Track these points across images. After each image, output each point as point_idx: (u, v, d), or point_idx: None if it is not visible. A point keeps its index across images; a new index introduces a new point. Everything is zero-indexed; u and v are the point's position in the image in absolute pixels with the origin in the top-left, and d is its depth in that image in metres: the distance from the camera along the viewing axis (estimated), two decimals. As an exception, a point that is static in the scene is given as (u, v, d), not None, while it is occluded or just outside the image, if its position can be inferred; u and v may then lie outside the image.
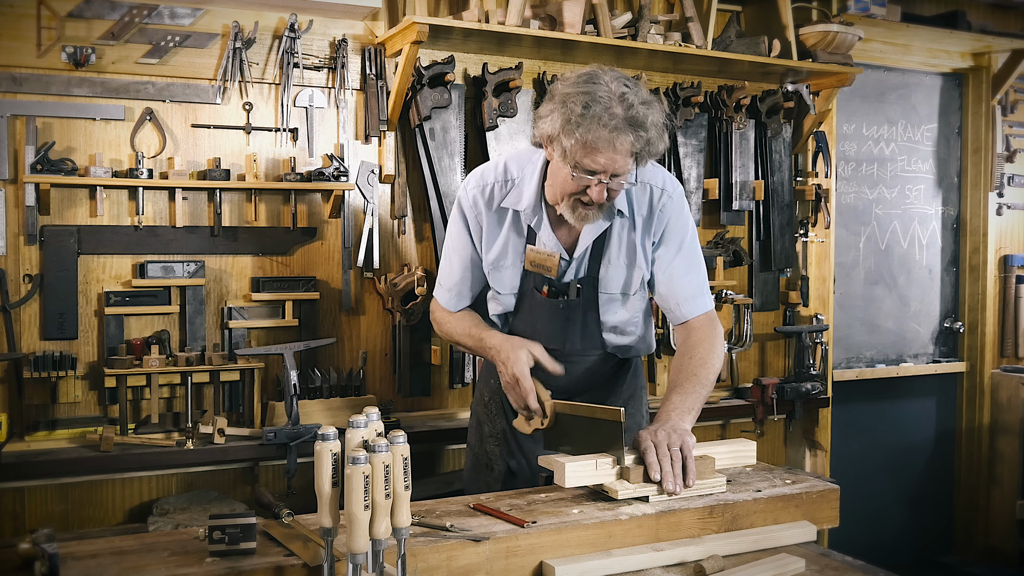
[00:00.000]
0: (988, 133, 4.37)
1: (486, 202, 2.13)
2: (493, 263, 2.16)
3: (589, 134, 1.81)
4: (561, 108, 1.85)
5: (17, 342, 2.71)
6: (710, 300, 2.16)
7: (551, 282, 2.11)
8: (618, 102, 1.82)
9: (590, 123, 1.81)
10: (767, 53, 3.48)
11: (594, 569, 1.56)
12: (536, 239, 2.10)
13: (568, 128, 1.83)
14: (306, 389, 2.92)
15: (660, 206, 2.09)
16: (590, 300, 2.12)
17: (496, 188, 2.12)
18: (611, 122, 1.80)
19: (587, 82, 1.86)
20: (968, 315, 4.46)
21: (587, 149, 1.84)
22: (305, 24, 2.95)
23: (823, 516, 1.84)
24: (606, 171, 1.87)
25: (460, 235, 2.18)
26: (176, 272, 2.84)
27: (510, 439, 2.24)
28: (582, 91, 1.84)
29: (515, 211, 2.11)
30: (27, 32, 2.68)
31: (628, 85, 1.87)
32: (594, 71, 1.89)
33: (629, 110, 1.82)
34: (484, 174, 2.16)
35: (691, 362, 2.04)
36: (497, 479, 2.26)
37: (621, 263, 2.11)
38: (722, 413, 3.57)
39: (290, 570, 1.39)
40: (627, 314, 2.18)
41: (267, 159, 2.97)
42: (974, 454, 4.47)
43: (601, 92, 1.83)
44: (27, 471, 2.55)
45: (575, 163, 1.87)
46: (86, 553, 1.43)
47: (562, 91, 1.88)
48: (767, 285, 3.81)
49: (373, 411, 1.38)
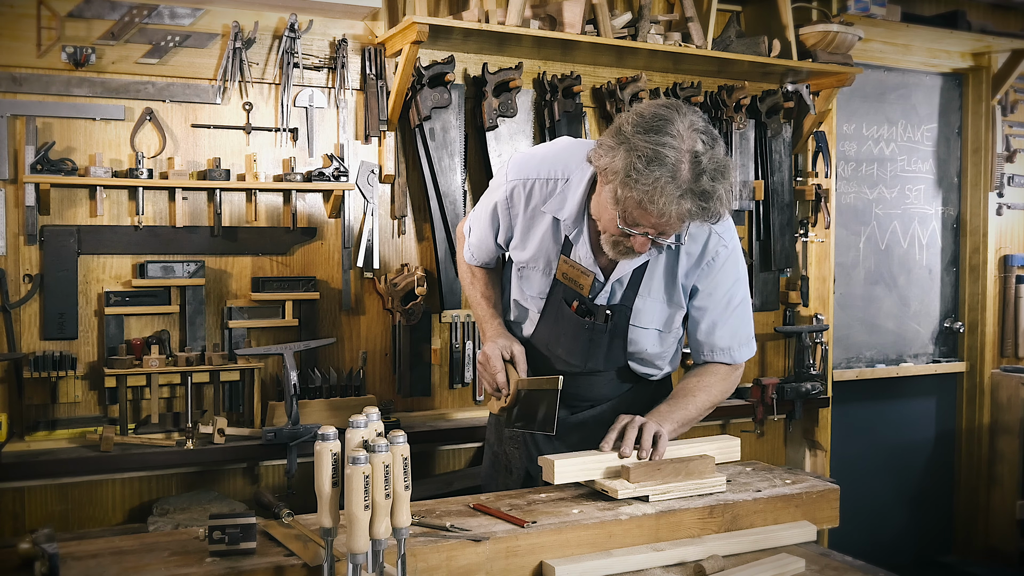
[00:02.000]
0: (988, 133, 4.37)
1: (526, 197, 1.99)
2: (524, 263, 2.05)
3: (647, 196, 1.65)
4: (625, 154, 1.67)
5: (17, 342, 2.71)
6: (753, 347, 2.08)
7: (582, 299, 1.98)
8: (688, 163, 1.65)
9: (651, 187, 1.64)
10: (767, 53, 3.48)
11: (594, 569, 1.56)
12: (572, 251, 1.96)
13: (627, 181, 1.67)
14: (306, 389, 2.92)
15: (713, 252, 1.94)
16: (619, 328, 1.99)
17: (537, 186, 1.97)
18: (675, 192, 1.64)
19: (658, 131, 1.67)
20: (968, 315, 4.46)
21: (641, 207, 1.68)
22: (305, 24, 2.95)
23: (823, 516, 1.84)
24: (655, 228, 1.73)
25: (485, 221, 2.09)
26: (176, 272, 2.84)
27: (529, 443, 2.18)
28: (651, 144, 1.65)
29: (555, 217, 1.97)
30: (27, 32, 2.68)
31: (704, 141, 1.68)
32: (668, 113, 1.70)
33: (698, 179, 1.65)
34: (526, 166, 2.00)
35: (694, 383, 2.02)
36: (516, 482, 2.19)
37: (660, 298, 1.98)
38: (722, 413, 3.57)
39: (290, 570, 1.39)
40: (660, 348, 2.06)
41: (267, 159, 2.97)
42: (974, 454, 4.47)
43: (670, 151, 1.65)
44: (27, 471, 2.55)
45: (624, 213, 1.72)
46: (86, 553, 1.43)
47: (630, 133, 1.69)
48: (767, 285, 3.81)
49: (373, 411, 1.38)
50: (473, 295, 2.21)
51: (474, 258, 2.21)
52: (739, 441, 2.00)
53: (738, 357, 2.05)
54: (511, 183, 2.00)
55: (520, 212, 2.01)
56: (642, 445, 1.81)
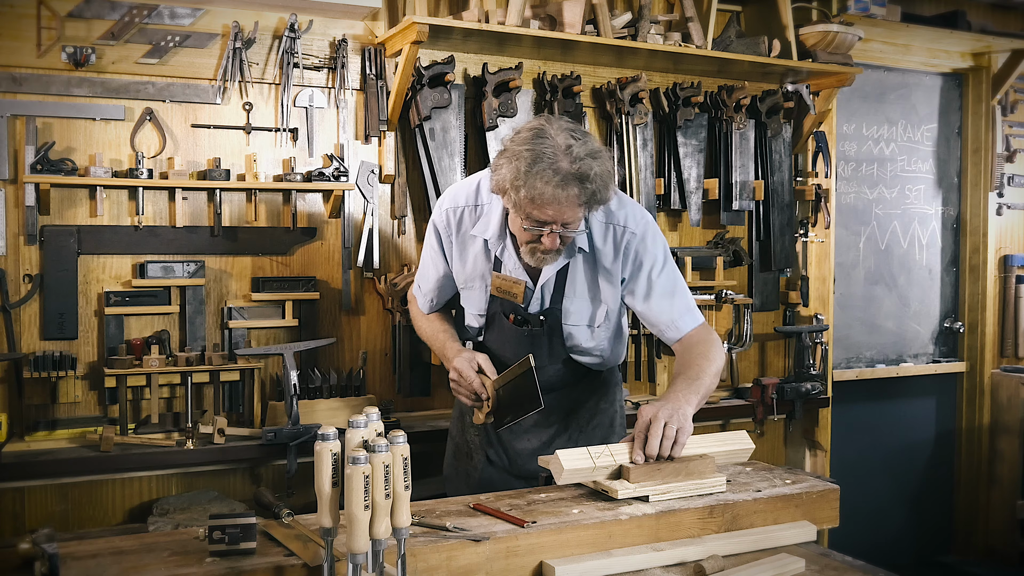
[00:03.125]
0: (988, 133, 4.37)
1: (456, 225, 2.20)
2: (463, 284, 2.26)
3: (535, 190, 1.87)
4: (509, 164, 1.91)
5: (17, 342, 2.71)
6: (696, 316, 2.19)
7: (517, 309, 2.17)
8: (564, 155, 1.87)
9: (535, 179, 1.86)
10: (767, 53, 3.48)
11: (594, 569, 1.56)
12: (502, 267, 2.17)
13: (516, 183, 1.89)
14: (306, 389, 2.92)
15: (625, 244, 2.13)
16: (554, 329, 2.18)
17: (466, 213, 2.18)
18: (555, 177, 1.86)
19: (534, 138, 1.90)
20: (968, 315, 4.46)
21: (535, 203, 1.89)
22: (305, 24, 2.95)
23: (823, 516, 1.84)
24: (556, 221, 1.93)
25: (434, 251, 2.27)
26: (176, 272, 2.84)
27: (490, 430, 2.32)
28: (528, 148, 1.89)
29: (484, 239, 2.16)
30: (27, 32, 2.68)
31: (575, 136, 1.91)
32: (541, 125, 1.94)
33: (574, 164, 1.86)
34: (456, 196, 2.21)
35: (692, 356, 2.09)
36: (476, 467, 2.34)
37: (585, 297, 2.17)
38: (722, 413, 3.57)
39: (290, 570, 1.39)
40: (593, 342, 2.23)
41: (267, 159, 2.97)
42: (974, 454, 4.47)
43: (546, 147, 1.88)
44: (27, 471, 2.55)
45: (526, 215, 1.94)
46: (86, 553, 1.43)
47: (512, 147, 1.93)
48: (767, 285, 3.81)
49: (373, 411, 1.38)
50: (431, 332, 2.36)
51: (433, 303, 2.37)
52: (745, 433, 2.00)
53: (693, 320, 2.17)
54: (444, 211, 2.22)
55: (453, 237, 2.22)
56: (662, 447, 1.83)
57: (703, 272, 3.64)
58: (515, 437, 2.28)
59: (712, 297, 3.54)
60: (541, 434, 2.28)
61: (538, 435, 2.28)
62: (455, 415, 2.47)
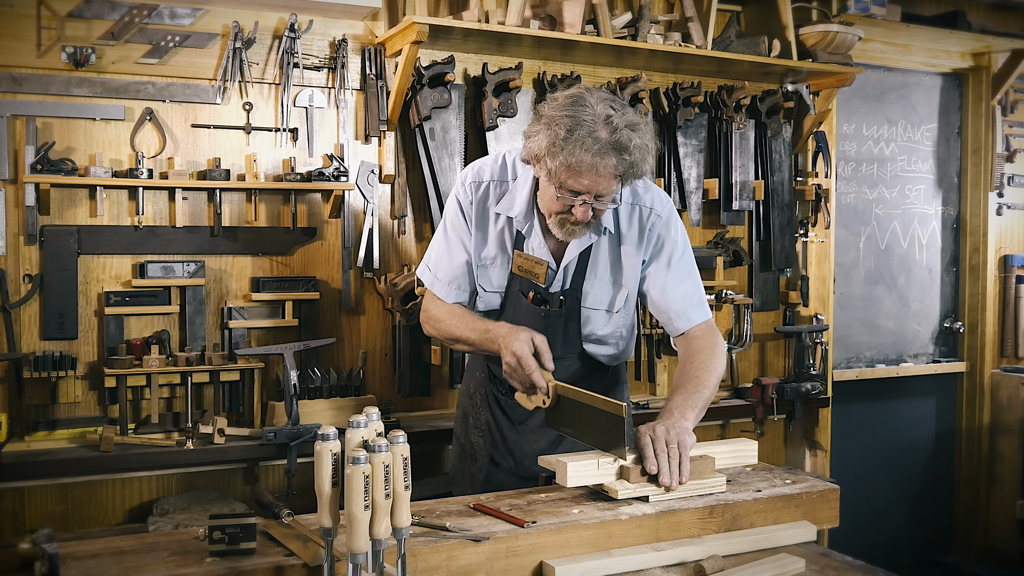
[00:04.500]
0: (988, 133, 4.37)
1: (479, 199, 2.15)
2: (481, 260, 2.18)
3: (573, 157, 1.84)
4: (546, 130, 1.88)
5: (17, 342, 2.71)
6: (707, 311, 2.17)
7: (537, 288, 2.13)
8: (603, 125, 1.84)
9: (574, 146, 1.83)
10: (767, 53, 3.48)
11: (594, 569, 1.56)
12: (525, 245, 2.13)
13: (553, 150, 1.86)
14: (306, 389, 2.92)
15: (650, 225, 2.12)
16: (572, 312, 2.14)
17: (491, 188, 2.15)
18: (594, 146, 1.83)
19: (573, 104, 1.87)
20: (968, 315, 4.46)
21: (571, 171, 1.86)
22: (305, 24, 2.95)
23: (823, 516, 1.84)
24: (590, 192, 1.90)
25: (461, 230, 2.18)
26: (176, 272, 2.84)
27: (494, 431, 2.29)
28: (567, 114, 1.85)
29: (508, 216, 2.13)
30: (27, 32, 2.68)
31: (614, 107, 1.88)
32: (580, 93, 1.91)
33: (613, 133, 1.84)
34: (481, 170, 2.17)
35: (692, 367, 2.06)
36: (481, 469, 2.31)
37: (606, 280, 2.14)
38: (722, 413, 3.57)
39: (290, 570, 1.39)
40: (609, 329, 2.20)
41: (267, 159, 2.97)
42: (974, 454, 4.47)
43: (586, 115, 1.85)
44: (27, 471, 2.55)
45: (560, 184, 1.90)
46: (86, 553, 1.43)
47: (548, 113, 1.90)
48: (767, 285, 3.81)
49: (373, 411, 1.37)
50: (462, 323, 2.15)
51: (460, 289, 2.20)
52: (756, 444, 1.99)
53: (701, 315, 2.14)
54: (467, 185, 2.17)
55: (474, 213, 2.16)
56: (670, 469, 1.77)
57: (703, 272, 3.61)
58: (521, 438, 2.26)
59: (712, 297, 3.55)
60: (548, 434, 2.24)
61: (545, 435, 2.24)
62: (458, 416, 2.44)
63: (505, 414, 2.28)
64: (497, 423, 2.29)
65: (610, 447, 1.81)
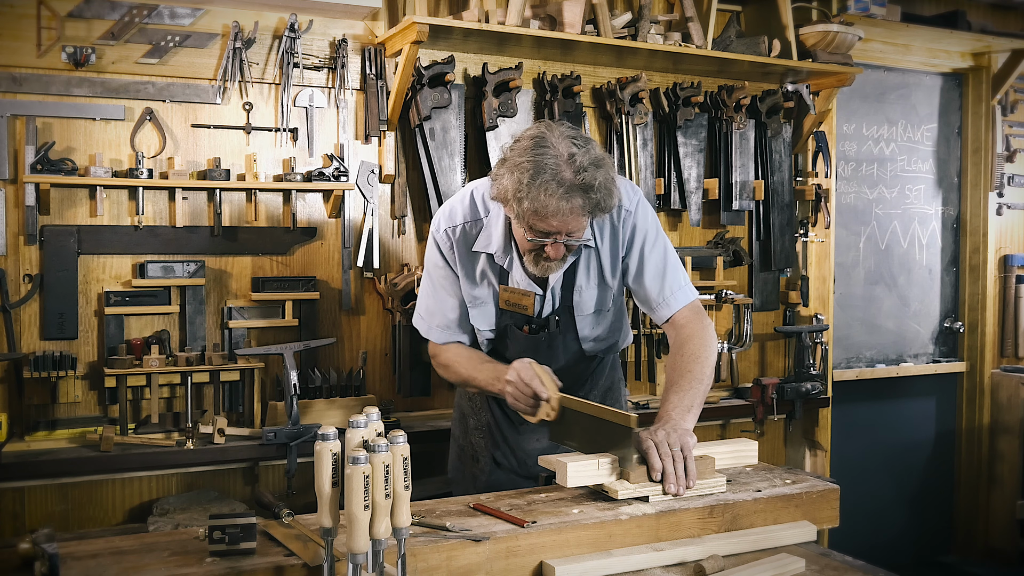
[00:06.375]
0: (988, 133, 4.37)
1: (457, 242, 2.13)
2: (471, 302, 2.17)
3: (538, 202, 1.83)
4: (510, 175, 1.87)
5: (17, 342, 2.71)
6: (688, 293, 2.16)
7: (530, 319, 2.13)
8: (567, 165, 1.83)
9: (538, 191, 1.82)
10: (767, 53, 3.48)
11: (594, 569, 1.56)
12: (509, 278, 2.12)
13: (519, 196, 1.85)
14: (306, 389, 2.92)
15: (622, 221, 2.11)
16: (568, 324, 2.15)
17: (467, 228, 2.12)
18: (559, 189, 1.82)
19: (535, 148, 1.86)
20: (968, 315, 4.46)
21: (538, 216, 1.86)
22: (305, 24, 2.95)
23: (823, 516, 1.84)
24: (560, 232, 1.90)
25: (446, 274, 2.17)
26: (176, 272, 2.84)
27: (495, 431, 2.29)
28: (529, 159, 1.84)
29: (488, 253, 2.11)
30: (27, 32, 2.68)
31: (576, 143, 1.87)
32: (542, 133, 1.89)
33: (578, 174, 1.82)
34: (453, 213, 2.14)
35: (683, 359, 2.04)
36: (483, 470, 2.31)
37: (592, 286, 2.15)
38: (722, 413, 3.57)
39: (290, 570, 1.39)
40: (604, 325, 2.22)
41: (267, 159, 2.97)
42: (974, 454, 4.47)
43: (548, 158, 1.83)
44: (27, 471, 2.55)
45: (529, 226, 1.90)
46: (86, 553, 1.43)
47: (512, 158, 1.89)
48: (767, 285, 3.81)
49: (373, 411, 1.37)
50: (468, 368, 2.15)
51: (460, 331, 2.21)
52: (756, 444, 1.99)
53: (684, 297, 2.14)
54: (443, 231, 2.14)
55: (457, 256, 2.14)
56: (676, 474, 1.76)
57: (703, 272, 3.65)
58: (522, 438, 2.26)
59: (712, 297, 3.55)
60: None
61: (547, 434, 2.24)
62: (456, 417, 2.44)
63: (505, 414, 2.28)
64: (498, 424, 2.29)
65: (612, 448, 1.80)
